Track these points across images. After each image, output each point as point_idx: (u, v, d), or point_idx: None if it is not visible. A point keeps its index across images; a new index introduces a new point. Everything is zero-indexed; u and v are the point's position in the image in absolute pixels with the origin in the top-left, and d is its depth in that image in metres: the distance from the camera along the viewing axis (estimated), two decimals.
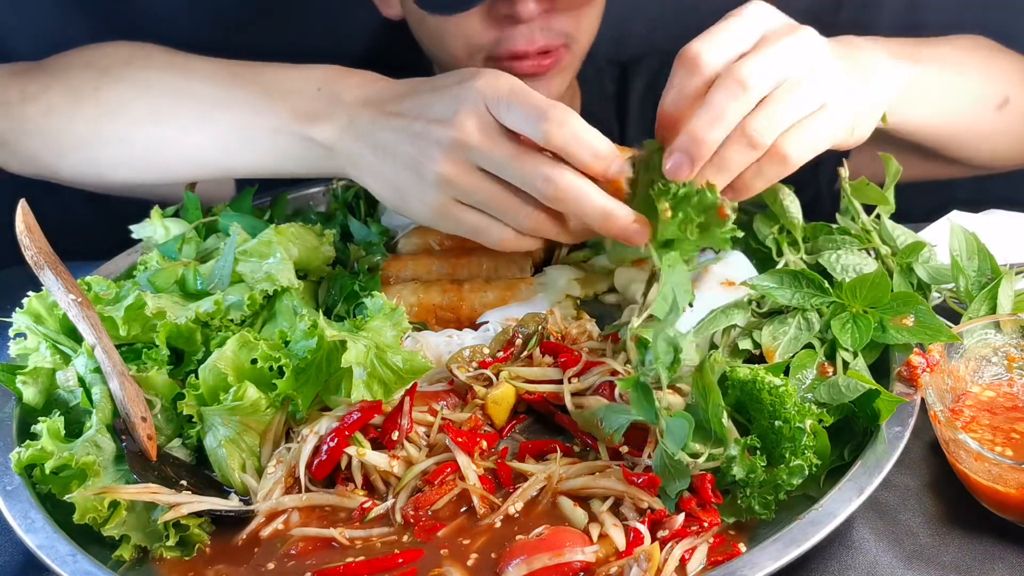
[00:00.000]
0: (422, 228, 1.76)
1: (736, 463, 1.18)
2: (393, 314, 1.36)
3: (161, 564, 1.20)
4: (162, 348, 1.37)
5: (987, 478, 1.18)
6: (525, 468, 1.27)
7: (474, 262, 1.67)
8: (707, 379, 1.18)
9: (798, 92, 1.33)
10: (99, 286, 1.45)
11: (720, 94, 1.30)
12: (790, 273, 1.39)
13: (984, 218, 1.70)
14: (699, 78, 1.32)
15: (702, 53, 1.32)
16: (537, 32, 1.79)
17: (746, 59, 1.32)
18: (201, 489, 1.25)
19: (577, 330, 1.49)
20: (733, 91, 1.30)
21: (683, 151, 1.30)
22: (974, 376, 1.35)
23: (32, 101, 1.72)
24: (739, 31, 1.35)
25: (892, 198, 1.56)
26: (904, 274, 1.50)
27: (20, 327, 1.40)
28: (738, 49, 1.34)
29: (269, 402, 1.30)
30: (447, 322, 1.59)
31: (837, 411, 1.28)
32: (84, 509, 1.19)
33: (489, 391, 1.37)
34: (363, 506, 1.24)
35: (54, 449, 1.24)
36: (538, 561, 1.12)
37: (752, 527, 1.19)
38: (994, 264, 1.46)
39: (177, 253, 1.63)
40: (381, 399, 1.31)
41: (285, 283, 1.45)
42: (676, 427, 1.17)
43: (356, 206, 1.84)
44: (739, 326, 1.40)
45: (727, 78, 1.31)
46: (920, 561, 1.18)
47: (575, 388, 1.36)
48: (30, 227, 1.40)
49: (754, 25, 1.35)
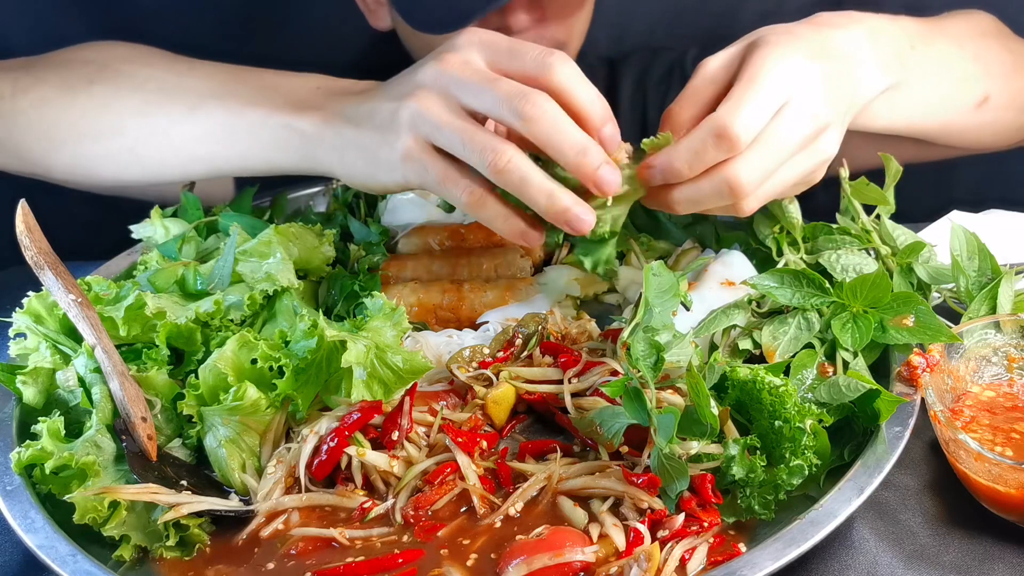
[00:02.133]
0: (422, 228, 1.76)
1: (736, 463, 1.18)
2: (393, 314, 1.36)
3: (161, 564, 1.20)
4: (162, 348, 1.37)
5: (987, 478, 1.18)
6: (525, 468, 1.27)
7: (474, 262, 1.67)
8: (694, 375, 1.19)
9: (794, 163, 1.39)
10: (99, 286, 1.45)
11: (709, 188, 1.35)
12: (791, 273, 1.39)
13: (984, 218, 1.70)
14: (726, 154, 1.33)
15: (740, 135, 1.32)
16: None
17: (744, 161, 1.34)
18: (201, 489, 1.25)
19: (577, 330, 1.49)
20: (722, 192, 1.35)
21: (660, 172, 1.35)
22: (974, 376, 1.35)
23: (23, 94, 1.72)
24: (768, 106, 1.35)
25: (892, 198, 1.56)
26: (904, 274, 1.50)
27: (20, 327, 1.40)
28: (764, 122, 1.34)
29: (269, 402, 1.30)
30: (447, 322, 1.59)
31: (837, 411, 1.28)
32: (84, 509, 1.19)
33: (489, 391, 1.37)
34: (363, 506, 1.24)
35: (54, 449, 1.24)
36: (538, 561, 1.12)
37: (752, 527, 1.19)
38: (994, 264, 1.46)
39: (177, 253, 1.63)
40: (381, 399, 1.31)
41: (285, 283, 1.45)
42: (664, 421, 1.18)
43: (356, 206, 1.84)
44: (739, 326, 1.40)
45: (720, 179, 1.34)
46: (920, 561, 1.18)
47: (575, 388, 1.36)
48: (30, 227, 1.40)
49: (779, 96, 1.36)
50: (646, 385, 1.22)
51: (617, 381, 1.25)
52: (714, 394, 1.26)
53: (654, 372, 1.23)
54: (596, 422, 1.28)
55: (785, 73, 1.35)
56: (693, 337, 1.35)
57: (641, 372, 1.23)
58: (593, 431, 1.29)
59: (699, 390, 1.19)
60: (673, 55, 2.24)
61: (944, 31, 1.71)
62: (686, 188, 1.37)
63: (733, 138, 1.31)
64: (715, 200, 1.37)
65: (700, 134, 1.33)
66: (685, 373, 1.23)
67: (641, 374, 1.23)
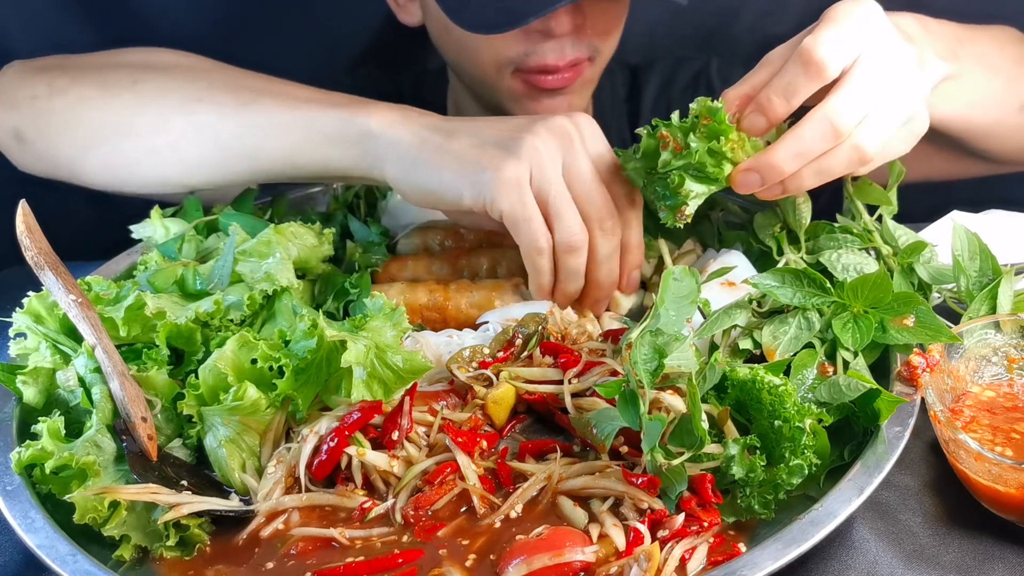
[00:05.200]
0: (422, 228, 1.76)
1: (736, 463, 1.18)
2: (393, 314, 1.36)
3: (161, 564, 1.20)
4: (162, 348, 1.37)
5: (987, 478, 1.18)
6: (525, 468, 1.27)
7: (474, 262, 1.67)
8: (692, 387, 1.19)
9: (884, 115, 1.39)
10: (99, 286, 1.45)
11: (811, 130, 1.36)
12: (791, 272, 1.39)
13: (984, 218, 1.70)
14: (816, 81, 1.36)
15: (827, 61, 1.34)
16: (568, 46, 1.80)
17: (838, 96, 1.35)
18: (201, 489, 1.25)
19: (577, 330, 1.49)
20: (824, 131, 1.35)
21: (758, 172, 1.39)
22: (974, 376, 1.35)
23: (61, 95, 1.71)
24: (850, 40, 1.37)
25: (895, 199, 1.56)
26: (905, 274, 1.50)
27: (20, 327, 1.40)
28: (852, 57, 1.37)
29: (269, 402, 1.30)
30: (433, 322, 1.59)
31: (837, 411, 1.28)
32: (84, 509, 1.19)
33: (489, 391, 1.37)
34: (363, 506, 1.24)
35: (54, 449, 1.24)
36: (538, 561, 1.12)
37: (752, 527, 1.19)
38: (995, 264, 1.45)
39: (177, 253, 1.63)
40: (381, 399, 1.31)
41: (284, 283, 1.45)
42: (650, 428, 1.19)
43: (356, 206, 1.84)
44: (740, 326, 1.40)
45: (820, 117, 1.35)
46: (920, 561, 1.18)
47: (575, 389, 1.35)
48: (30, 227, 1.40)
49: (860, 31, 1.38)
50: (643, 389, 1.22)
51: (613, 382, 1.25)
52: (714, 394, 1.26)
53: (652, 377, 1.23)
54: (591, 423, 1.28)
55: (863, 17, 1.38)
56: (695, 339, 1.35)
57: (639, 375, 1.23)
58: (589, 431, 1.29)
59: (694, 401, 1.19)
60: (698, 64, 2.24)
61: (985, 35, 1.73)
62: (788, 140, 1.37)
63: (818, 62, 1.33)
64: (821, 143, 1.37)
65: (788, 68, 1.36)
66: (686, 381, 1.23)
67: (639, 377, 1.23)
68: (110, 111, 1.68)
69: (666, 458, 1.18)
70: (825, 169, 1.40)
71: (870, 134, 1.38)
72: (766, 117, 1.39)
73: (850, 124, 1.36)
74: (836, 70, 1.35)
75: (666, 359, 1.24)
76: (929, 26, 1.56)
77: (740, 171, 1.40)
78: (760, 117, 1.39)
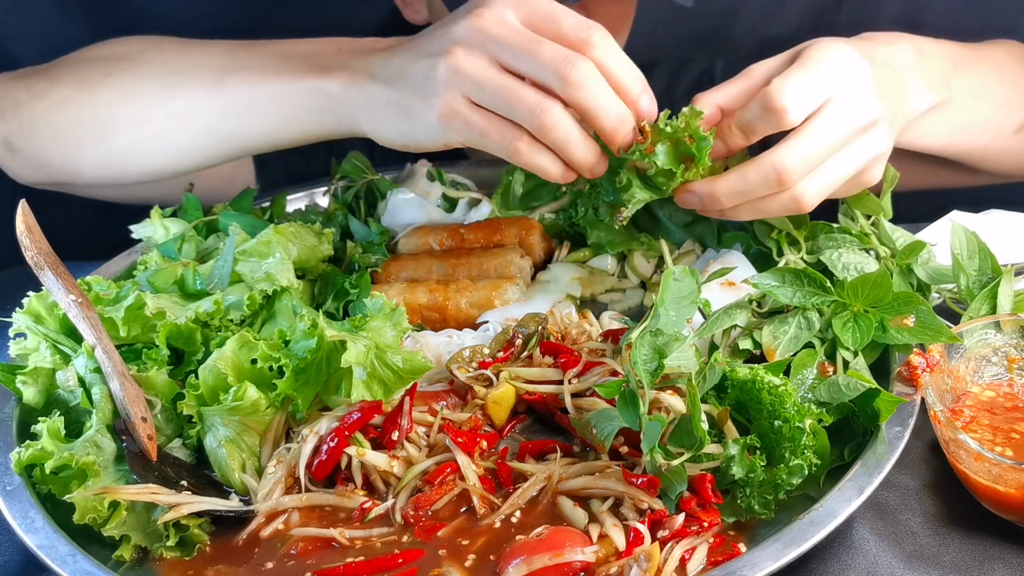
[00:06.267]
0: (422, 228, 1.76)
1: (736, 463, 1.18)
2: (393, 314, 1.36)
3: (161, 564, 1.20)
4: (162, 348, 1.37)
5: (987, 478, 1.18)
6: (525, 468, 1.27)
7: (474, 262, 1.67)
8: (692, 388, 1.19)
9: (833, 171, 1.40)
10: (99, 286, 1.45)
11: (756, 174, 1.37)
12: (791, 272, 1.39)
13: (984, 218, 1.70)
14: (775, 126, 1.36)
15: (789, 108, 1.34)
16: None
17: (791, 146, 1.35)
18: (201, 489, 1.25)
19: (577, 330, 1.49)
20: (768, 178, 1.36)
21: (699, 197, 1.41)
22: (974, 376, 1.35)
23: (40, 98, 1.71)
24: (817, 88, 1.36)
25: (889, 206, 1.56)
26: (904, 275, 1.50)
27: (20, 327, 1.40)
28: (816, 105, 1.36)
29: (269, 402, 1.30)
30: (433, 322, 1.59)
31: (837, 411, 1.28)
32: (84, 509, 1.19)
33: (489, 391, 1.37)
34: (363, 506, 1.24)
35: (54, 449, 1.24)
36: (538, 561, 1.12)
37: (752, 527, 1.19)
38: (995, 264, 1.45)
39: (177, 253, 1.63)
40: (381, 399, 1.31)
41: (284, 283, 1.45)
42: (650, 428, 1.19)
43: (356, 206, 1.84)
44: (740, 326, 1.40)
45: (768, 164, 1.36)
46: (920, 561, 1.18)
47: (575, 389, 1.35)
48: (30, 227, 1.40)
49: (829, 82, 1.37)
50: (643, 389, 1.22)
51: (613, 382, 1.25)
52: (714, 394, 1.26)
53: (652, 377, 1.23)
54: (591, 423, 1.28)
55: (836, 62, 1.37)
56: (695, 339, 1.35)
57: (639, 375, 1.23)
58: (588, 431, 1.29)
59: (694, 401, 1.19)
60: (702, 66, 2.23)
61: (984, 57, 1.72)
62: (732, 176, 1.38)
63: (779, 109, 1.32)
64: (763, 188, 1.38)
65: (750, 107, 1.36)
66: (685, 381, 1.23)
67: (639, 377, 1.23)
68: (90, 109, 1.68)
69: (666, 458, 1.18)
70: (761, 209, 1.43)
71: (813, 188, 1.39)
72: (725, 144, 1.41)
73: (796, 177, 1.36)
74: (798, 117, 1.35)
75: (666, 359, 1.24)
76: (925, 51, 1.55)
77: (684, 190, 1.43)
78: (719, 142, 1.41)
